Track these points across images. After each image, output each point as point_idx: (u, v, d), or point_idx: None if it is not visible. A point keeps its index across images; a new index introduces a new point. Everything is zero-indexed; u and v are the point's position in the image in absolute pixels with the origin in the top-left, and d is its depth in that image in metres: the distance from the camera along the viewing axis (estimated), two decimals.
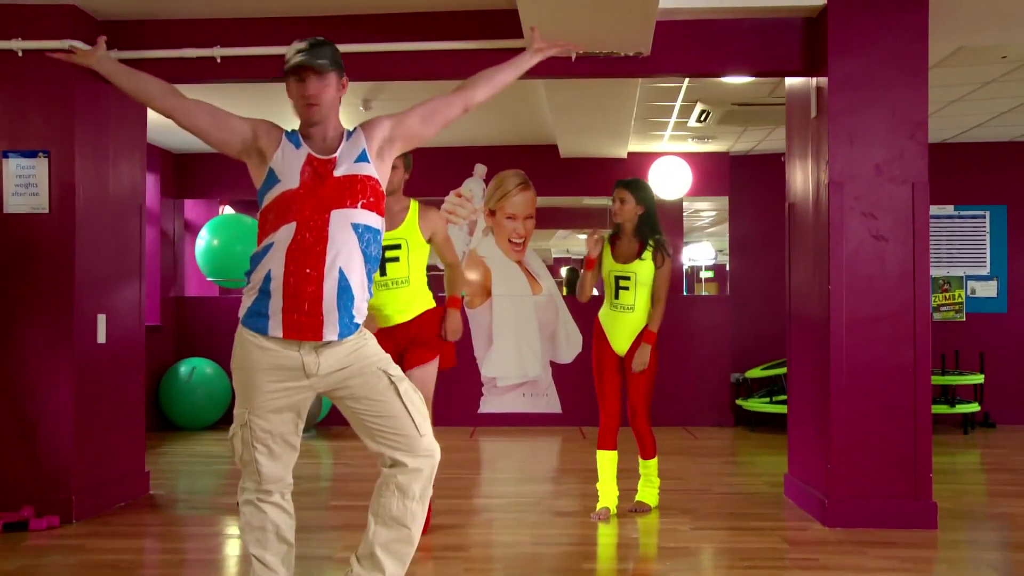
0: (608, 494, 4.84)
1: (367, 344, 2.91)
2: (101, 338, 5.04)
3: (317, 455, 7.16)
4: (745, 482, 6.05)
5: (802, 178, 5.16)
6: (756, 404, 8.13)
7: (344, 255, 2.79)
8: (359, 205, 2.83)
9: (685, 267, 12.80)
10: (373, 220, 2.87)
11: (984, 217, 8.73)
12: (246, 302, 2.87)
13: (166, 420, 8.33)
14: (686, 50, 4.96)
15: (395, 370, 2.91)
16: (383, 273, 4.27)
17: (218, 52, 4.97)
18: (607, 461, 4.84)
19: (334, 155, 2.87)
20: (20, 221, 4.82)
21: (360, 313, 2.87)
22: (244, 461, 2.89)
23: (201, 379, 8.17)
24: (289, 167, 2.84)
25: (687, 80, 6.21)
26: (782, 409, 7.52)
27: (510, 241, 8.63)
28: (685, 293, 12.33)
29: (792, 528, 4.67)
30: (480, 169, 8.69)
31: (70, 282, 4.80)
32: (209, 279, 8.31)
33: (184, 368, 8.19)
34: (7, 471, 4.77)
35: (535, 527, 4.74)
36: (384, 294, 4.32)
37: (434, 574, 3.90)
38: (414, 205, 4.41)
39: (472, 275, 8.68)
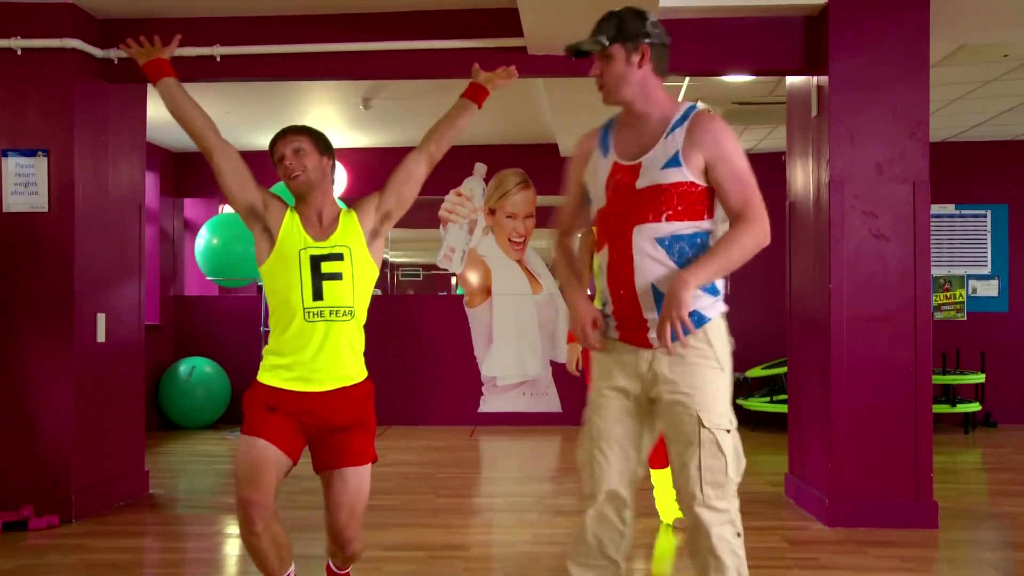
0: (668, 508, 4.64)
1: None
2: (101, 337, 5.04)
3: None
4: (745, 481, 5.97)
5: (803, 177, 5.15)
6: (756, 403, 8.12)
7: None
8: (664, 218, 2.55)
9: None
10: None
11: (985, 216, 8.72)
12: None
13: (166, 419, 8.32)
14: (687, 49, 4.94)
15: (713, 419, 2.57)
16: (318, 297, 2.82)
17: (218, 51, 4.96)
18: (661, 481, 4.61)
19: (638, 161, 2.59)
20: (19, 220, 4.81)
21: None
22: (580, 462, 2.70)
23: (200, 378, 8.15)
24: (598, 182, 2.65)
25: (688, 79, 6.19)
26: (782, 408, 7.51)
27: (510, 240, 8.63)
28: None
29: (792, 527, 4.66)
30: (480, 168, 8.68)
31: (69, 281, 4.79)
32: (209, 278, 8.29)
33: (184, 367, 8.18)
34: (7, 470, 4.76)
35: (535, 526, 4.73)
36: (315, 330, 2.82)
37: (434, 573, 3.89)
38: (345, 208, 3.02)
39: (472, 274, 8.67)
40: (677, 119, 2.57)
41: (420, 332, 8.60)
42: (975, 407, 8.06)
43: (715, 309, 2.59)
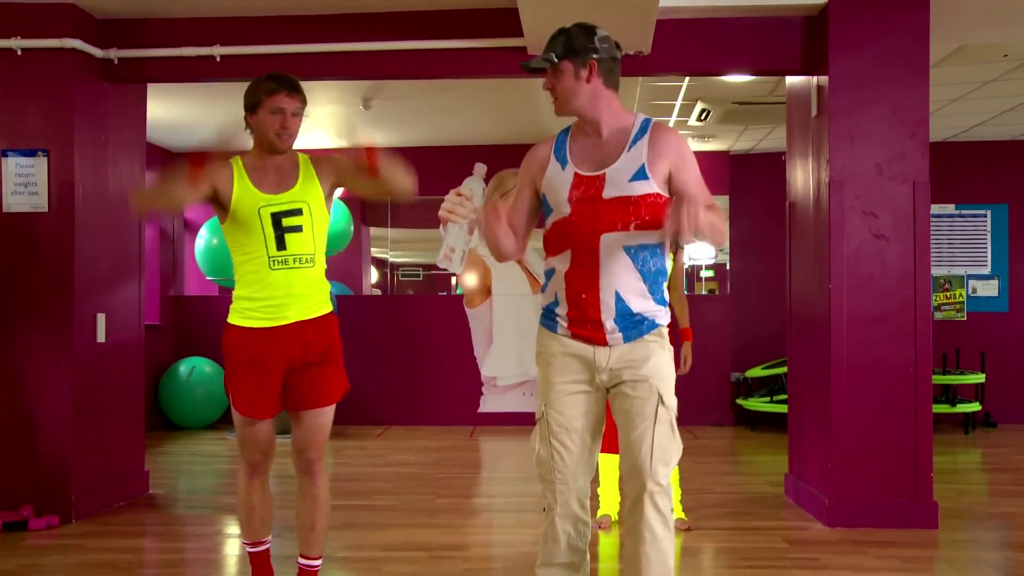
0: (611, 500, 4.77)
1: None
2: (100, 337, 5.04)
3: None
4: (745, 482, 6.04)
5: (803, 177, 5.15)
6: (756, 403, 8.13)
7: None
8: (632, 227, 2.64)
9: (686, 266, 12.82)
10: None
11: (985, 216, 8.72)
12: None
13: (165, 419, 8.32)
14: (686, 49, 4.95)
15: (669, 399, 2.69)
16: (281, 247, 3.08)
17: (218, 51, 4.96)
18: (611, 465, 4.75)
19: (602, 172, 2.68)
20: (19, 220, 4.81)
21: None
22: (540, 458, 2.78)
23: (200, 378, 8.16)
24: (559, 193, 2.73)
25: (687, 79, 6.20)
26: (782, 409, 7.51)
27: None
28: (686, 292, 12.32)
29: (792, 528, 4.66)
30: (480, 168, 8.68)
31: (69, 281, 4.79)
32: (208, 278, 8.30)
33: (183, 367, 8.19)
34: (6, 470, 4.76)
35: (535, 527, 4.72)
36: (280, 276, 3.09)
37: (434, 573, 3.89)
38: (303, 157, 3.21)
39: (472, 275, 8.68)
40: (636, 132, 2.69)
41: (420, 332, 8.59)
42: (975, 407, 8.06)
43: (664, 319, 2.74)
